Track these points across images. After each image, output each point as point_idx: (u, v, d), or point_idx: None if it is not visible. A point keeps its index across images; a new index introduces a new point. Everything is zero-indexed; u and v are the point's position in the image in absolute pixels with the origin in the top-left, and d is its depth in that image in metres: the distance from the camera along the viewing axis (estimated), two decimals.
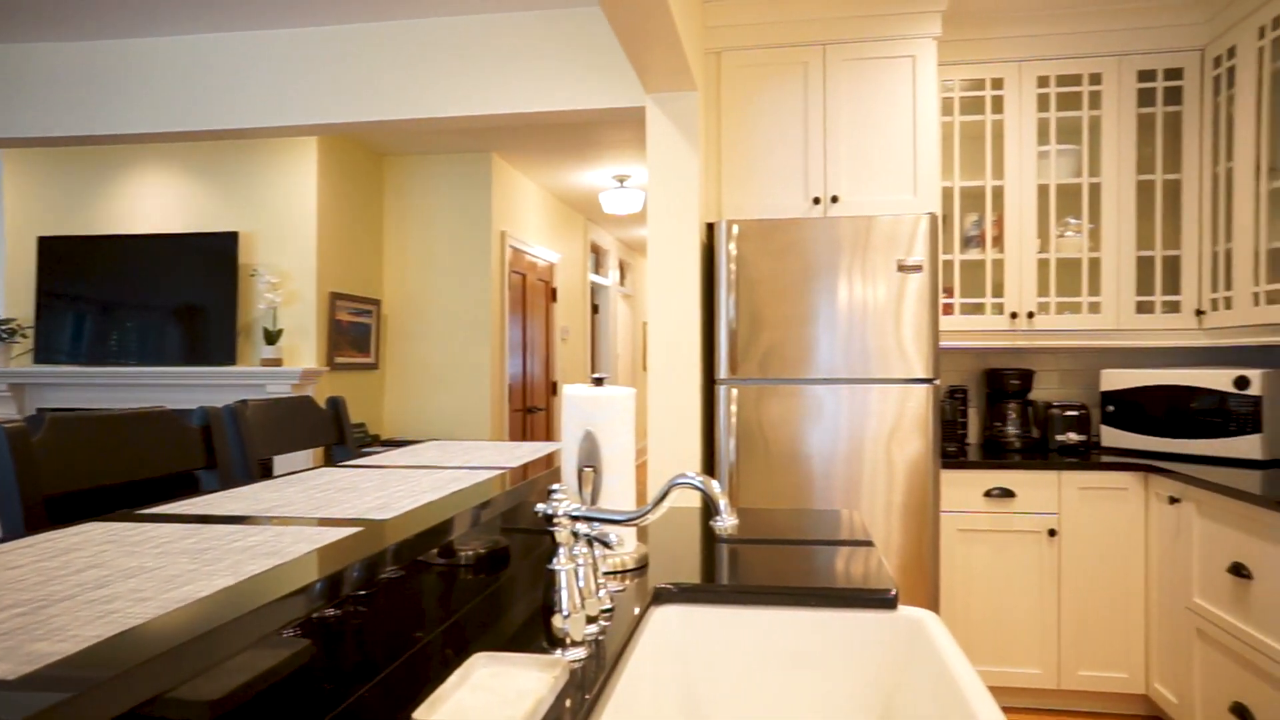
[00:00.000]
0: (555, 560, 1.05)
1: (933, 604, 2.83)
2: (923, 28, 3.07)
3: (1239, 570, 2.34)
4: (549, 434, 6.83)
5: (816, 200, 3.13)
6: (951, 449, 3.30)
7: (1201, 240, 3.18)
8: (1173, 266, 3.33)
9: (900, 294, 2.83)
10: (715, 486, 1.06)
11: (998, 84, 3.31)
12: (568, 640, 1.04)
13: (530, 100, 3.43)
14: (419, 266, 5.63)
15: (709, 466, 3.11)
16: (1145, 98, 3.26)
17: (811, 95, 3.14)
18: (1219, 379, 2.91)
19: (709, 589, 1.33)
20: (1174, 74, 3.24)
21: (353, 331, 5.18)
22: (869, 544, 1.61)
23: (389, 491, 1.31)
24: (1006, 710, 3.05)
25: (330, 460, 1.96)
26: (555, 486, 1.08)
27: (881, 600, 1.29)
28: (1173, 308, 3.25)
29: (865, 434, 2.85)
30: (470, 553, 1.28)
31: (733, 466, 2.91)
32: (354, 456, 1.94)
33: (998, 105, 3.32)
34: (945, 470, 3.03)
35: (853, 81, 3.13)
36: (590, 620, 1.10)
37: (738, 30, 3.18)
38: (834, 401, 2.86)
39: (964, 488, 3.02)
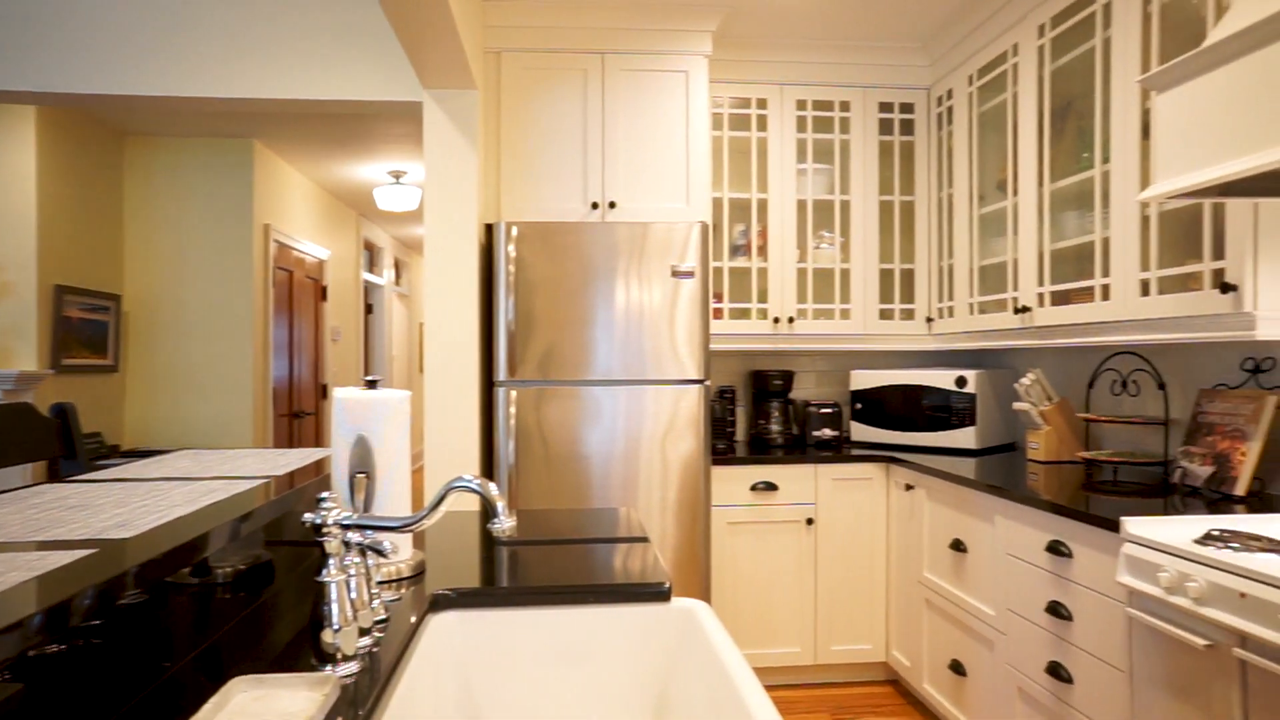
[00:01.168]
0: (324, 572, 1.00)
1: (705, 594, 2.99)
2: (695, 45, 3.23)
3: (958, 545, 2.67)
4: (319, 440, 6.45)
5: (595, 205, 3.20)
6: (721, 446, 3.50)
7: (930, 256, 3.60)
8: (909, 278, 3.74)
9: (674, 298, 2.96)
10: (493, 489, 1.05)
11: (762, 104, 3.55)
12: (339, 655, 1.00)
13: (298, 86, 3.23)
14: (168, 260, 5.11)
15: (488, 469, 3.08)
16: (885, 127, 3.64)
17: (591, 102, 3.21)
18: (944, 379, 3.31)
19: (488, 592, 1.32)
20: (908, 108, 3.64)
21: (86, 330, 4.60)
22: (645, 540, 1.67)
23: (131, 507, 1.18)
24: (770, 688, 3.28)
25: (56, 476, 1.73)
26: (324, 495, 1.03)
27: (656, 593, 1.35)
28: (908, 315, 3.65)
29: (642, 433, 2.95)
30: (229, 570, 1.18)
31: (512, 468, 2.91)
32: (88, 470, 1.72)
33: (763, 124, 3.57)
34: (716, 466, 3.20)
35: (631, 91, 3.23)
36: (364, 632, 1.06)
37: (518, 32, 3.18)
38: (611, 402, 2.94)
39: (732, 482, 3.21)
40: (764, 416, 3.67)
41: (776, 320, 3.52)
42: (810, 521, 3.23)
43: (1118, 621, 1.91)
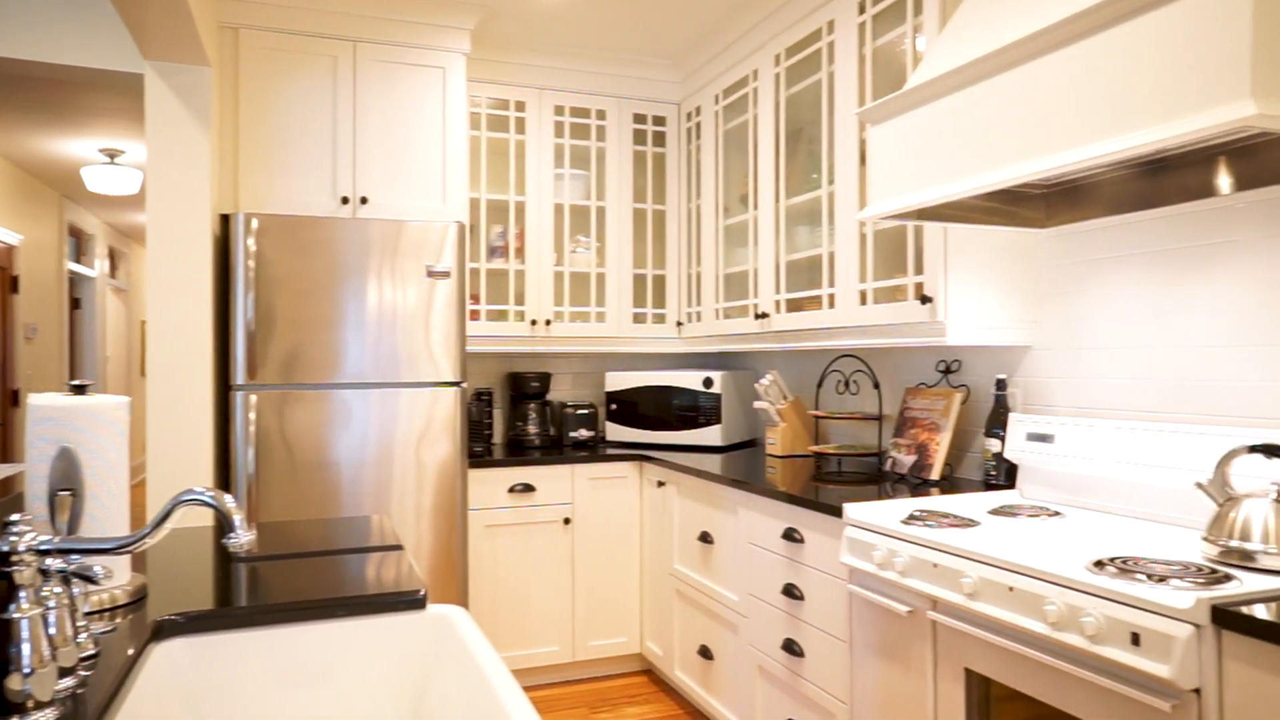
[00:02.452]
0: (12, 608, 0.87)
1: (463, 600, 2.94)
2: (453, 42, 3.18)
3: (705, 537, 2.84)
4: (10, 454, 5.57)
5: (345, 200, 3.04)
6: (479, 449, 3.46)
7: (681, 263, 3.79)
8: (661, 284, 3.91)
9: (429, 299, 2.89)
10: (228, 501, 0.97)
11: (521, 106, 3.56)
12: (30, 703, 0.87)
13: None
14: None
15: (224, 480, 2.82)
16: (640, 137, 3.79)
17: (341, 91, 3.05)
18: (692, 380, 3.51)
19: (222, 614, 1.21)
20: (660, 121, 3.81)
21: None
22: (399, 548, 1.61)
23: None
24: (531, 689, 3.29)
25: None
26: (15, 517, 0.89)
27: (410, 602, 1.31)
28: (660, 319, 3.82)
29: (395, 438, 2.84)
30: None
31: (252, 478, 2.69)
32: None
33: (521, 126, 3.57)
34: (473, 469, 3.16)
35: (385, 84, 3.11)
36: (66, 672, 0.93)
37: (259, 8, 2.95)
38: (363, 406, 2.81)
39: (490, 485, 3.19)
40: (522, 418, 3.68)
41: (534, 322, 3.54)
42: (568, 521, 3.29)
43: (841, 597, 2.12)
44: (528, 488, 3.23)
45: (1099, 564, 1.48)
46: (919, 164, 1.90)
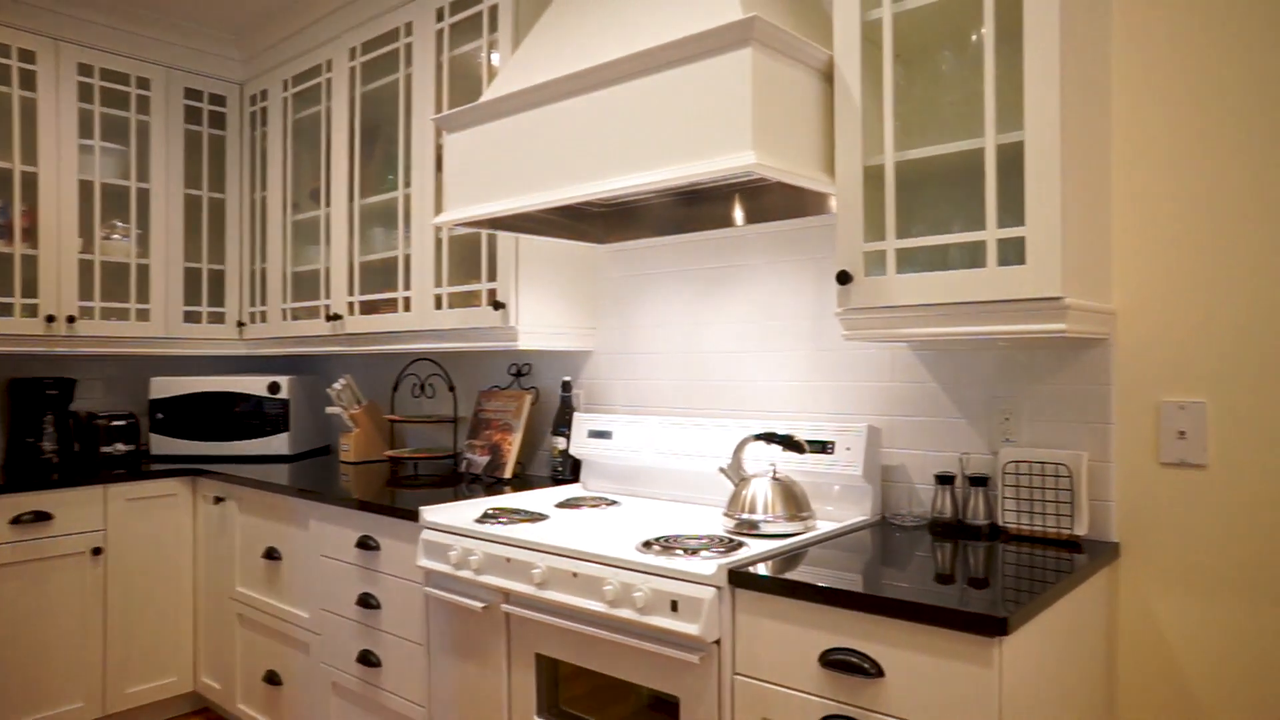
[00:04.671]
0: None
1: None
2: None
3: (272, 554, 2.63)
4: None
5: None
6: None
7: (243, 258, 3.46)
8: (219, 280, 3.52)
9: None
10: None
11: (29, 56, 2.95)
12: None
13: None
14: None
15: None
16: (193, 115, 3.38)
17: None
18: (256, 385, 3.23)
19: None
20: (219, 100, 3.44)
21: None
22: None
23: None
24: None
25: None
26: None
27: None
28: (218, 319, 3.45)
29: None
30: None
31: None
32: None
33: (29, 81, 2.96)
34: None
35: None
36: None
37: None
38: None
39: None
40: (33, 433, 3.05)
41: (51, 319, 2.96)
42: (98, 551, 2.81)
43: (418, 601, 2.12)
44: (41, 516, 2.68)
45: (647, 544, 1.68)
46: (492, 175, 1.98)
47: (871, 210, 1.64)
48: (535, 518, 1.99)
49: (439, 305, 2.58)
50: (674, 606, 1.51)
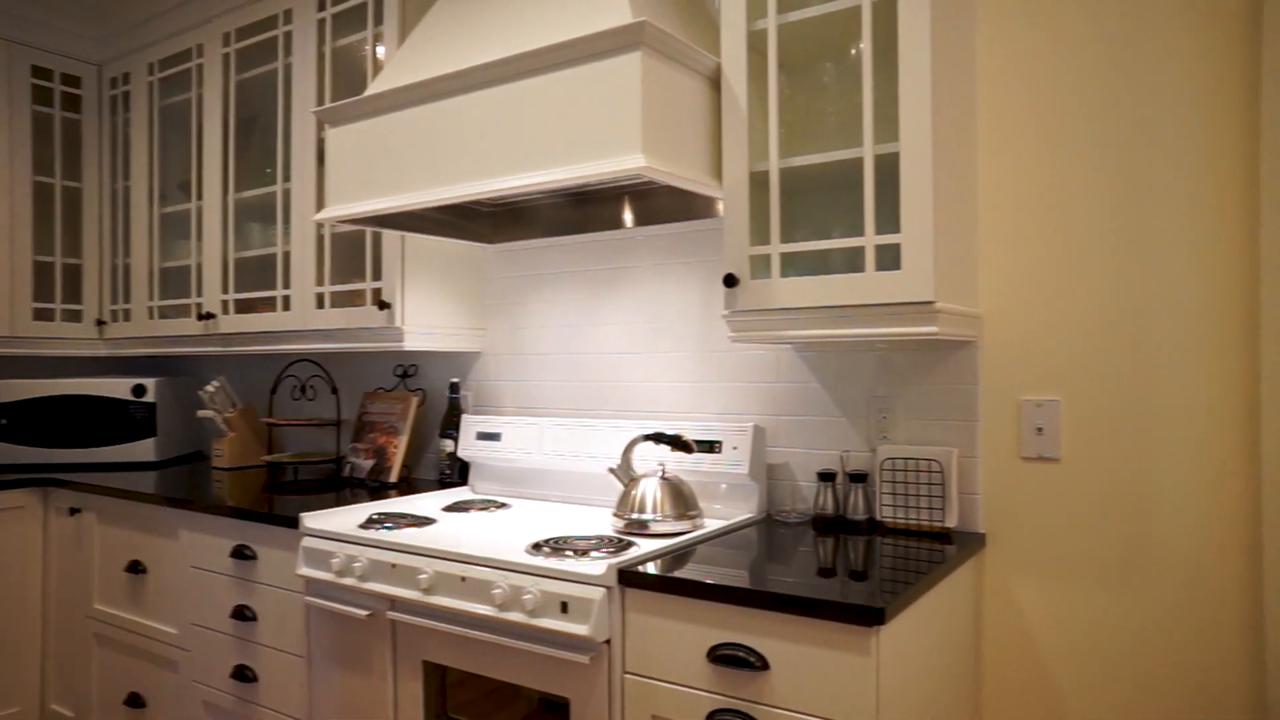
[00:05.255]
0: None
1: None
2: None
3: (136, 568, 2.48)
4: None
5: None
6: None
7: (103, 252, 3.24)
8: (75, 275, 3.28)
9: None
10: None
11: None
12: None
13: None
14: None
15: None
16: (43, 96, 3.13)
17: None
18: (119, 387, 3.02)
19: None
20: (73, 81, 3.20)
21: None
22: None
23: None
24: None
25: None
26: None
27: None
28: (74, 316, 3.21)
29: None
30: None
31: None
32: None
33: None
34: None
35: None
36: None
37: None
38: None
39: None
40: None
41: None
42: None
43: (298, 612, 2.04)
44: None
45: (536, 546, 1.67)
46: (377, 171, 1.92)
47: (757, 215, 1.69)
48: (422, 522, 1.95)
49: (321, 304, 2.49)
50: (564, 608, 1.51)
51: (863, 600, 1.26)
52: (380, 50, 2.36)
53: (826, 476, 1.86)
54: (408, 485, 2.52)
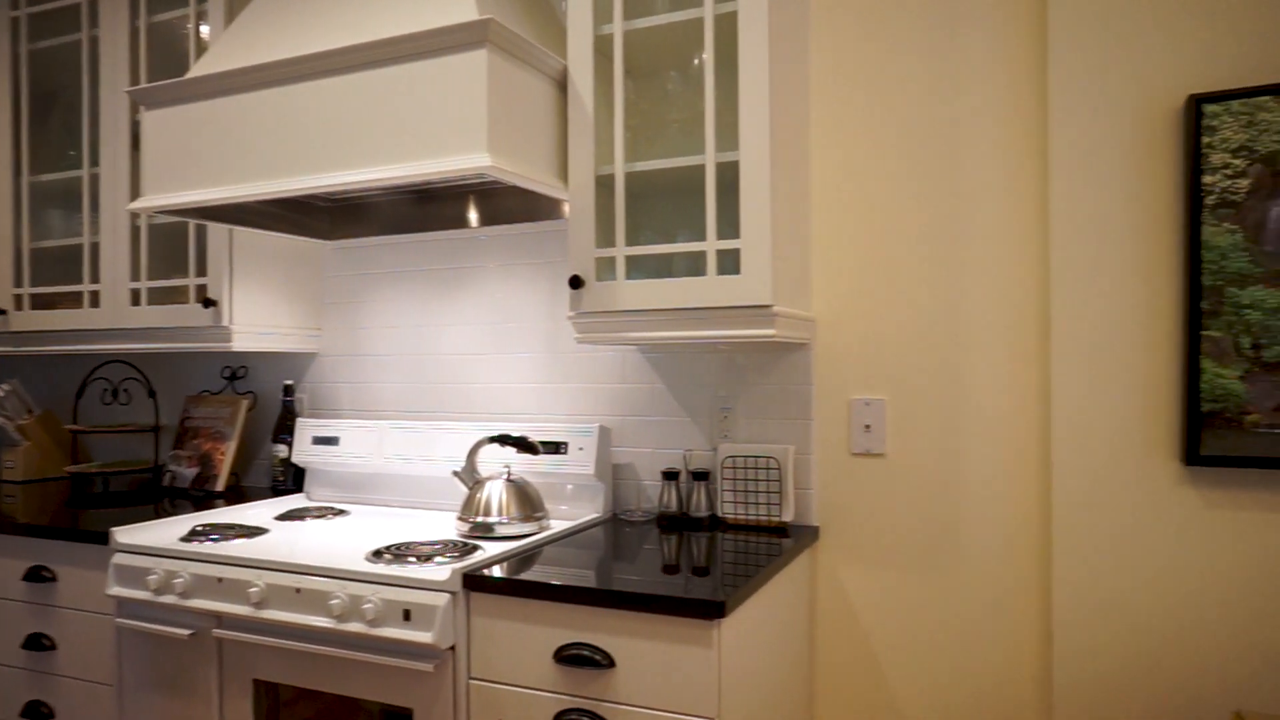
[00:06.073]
0: None
1: None
2: None
3: None
4: None
5: None
6: None
7: None
8: None
9: None
10: None
11: None
12: None
13: None
14: None
15: None
16: None
17: None
18: None
19: None
20: None
21: None
22: None
23: None
24: None
25: None
26: None
27: None
28: None
29: None
30: None
31: None
32: None
33: None
34: None
35: None
36: None
37: None
38: None
39: None
40: None
41: None
42: None
43: (107, 636, 1.87)
44: None
45: (377, 553, 1.61)
46: (202, 159, 1.79)
47: (603, 218, 1.70)
48: (253, 532, 1.84)
49: (136, 301, 2.29)
50: (406, 616, 1.47)
51: (704, 595, 1.30)
52: (205, 29, 2.21)
53: (670, 475, 1.91)
54: (237, 494, 2.36)
